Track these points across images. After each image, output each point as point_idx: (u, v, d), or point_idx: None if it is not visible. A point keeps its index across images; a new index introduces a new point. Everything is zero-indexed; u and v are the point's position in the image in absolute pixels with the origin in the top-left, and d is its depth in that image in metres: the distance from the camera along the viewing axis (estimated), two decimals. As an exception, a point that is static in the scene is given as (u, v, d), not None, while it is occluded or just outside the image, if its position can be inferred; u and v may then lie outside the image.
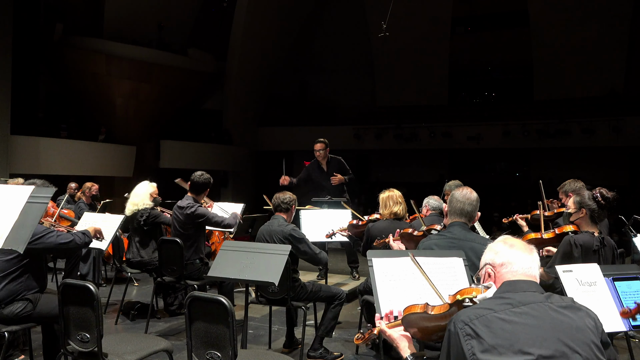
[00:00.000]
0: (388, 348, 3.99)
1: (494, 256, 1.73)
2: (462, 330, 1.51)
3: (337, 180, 6.18)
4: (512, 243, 1.73)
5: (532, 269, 1.67)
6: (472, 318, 1.51)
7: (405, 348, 1.85)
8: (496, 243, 1.77)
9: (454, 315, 1.60)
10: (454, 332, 1.53)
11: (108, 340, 2.73)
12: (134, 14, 14.03)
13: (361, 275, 6.08)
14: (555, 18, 15.78)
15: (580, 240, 3.05)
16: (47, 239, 3.02)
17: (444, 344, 1.58)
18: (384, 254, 2.48)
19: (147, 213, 4.80)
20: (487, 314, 1.51)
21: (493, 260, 1.72)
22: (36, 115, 13.08)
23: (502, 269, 1.69)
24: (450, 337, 1.54)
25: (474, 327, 1.49)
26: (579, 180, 4.22)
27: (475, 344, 1.47)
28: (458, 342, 1.50)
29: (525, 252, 1.70)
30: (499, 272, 1.69)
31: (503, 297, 1.57)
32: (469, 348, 1.48)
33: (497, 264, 1.71)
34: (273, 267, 3.18)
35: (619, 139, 14.28)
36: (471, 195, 2.82)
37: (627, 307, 2.38)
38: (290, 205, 3.93)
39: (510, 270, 1.67)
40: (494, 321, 1.49)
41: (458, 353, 1.51)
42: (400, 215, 4.13)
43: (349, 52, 18.40)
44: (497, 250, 1.73)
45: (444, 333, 1.66)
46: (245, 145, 17.25)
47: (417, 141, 16.37)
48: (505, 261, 1.69)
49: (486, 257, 1.76)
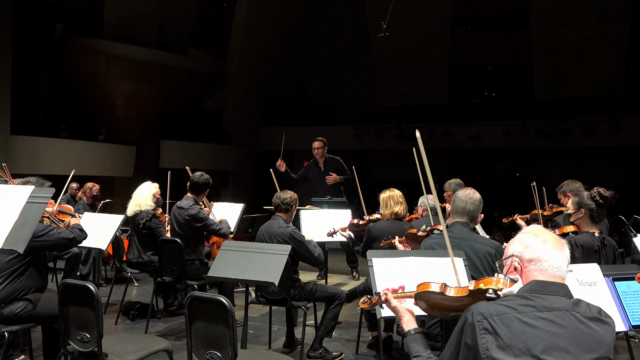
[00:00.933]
0: (388, 348, 4.00)
1: (523, 250, 1.64)
2: (479, 323, 1.48)
3: (332, 180, 6.20)
4: (544, 238, 1.63)
5: (562, 268, 1.60)
6: (492, 314, 1.48)
7: (409, 322, 1.84)
8: (527, 235, 1.67)
9: (472, 304, 1.56)
10: (470, 323, 1.50)
11: (108, 340, 2.73)
12: (134, 14, 14.03)
13: (361, 275, 6.08)
14: (555, 18, 15.78)
15: (580, 241, 3.05)
16: (50, 236, 3.04)
17: (456, 331, 1.55)
18: (384, 254, 2.48)
19: (148, 218, 4.76)
20: (509, 312, 1.48)
21: (522, 254, 1.64)
22: (36, 115, 13.09)
23: (531, 265, 1.61)
24: (465, 326, 1.52)
25: (492, 322, 1.47)
26: (577, 180, 4.23)
27: (490, 339, 1.45)
28: (473, 333, 1.48)
29: (557, 249, 1.62)
30: (526, 267, 1.62)
31: (528, 297, 1.52)
32: (483, 342, 1.46)
33: (525, 258, 1.63)
34: (273, 267, 3.18)
35: (619, 139, 14.29)
36: (474, 196, 2.83)
37: None
38: (290, 205, 3.91)
39: (539, 268, 1.59)
40: (515, 322, 1.46)
41: (470, 344, 1.49)
42: (401, 215, 4.13)
43: (349, 52, 18.41)
44: (527, 244, 1.64)
45: (454, 314, 1.65)
46: (245, 145, 17.25)
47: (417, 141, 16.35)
48: (535, 257, 1.61)
49: (514, 248, 1.67)
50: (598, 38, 15.46)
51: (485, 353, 1.45)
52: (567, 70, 16.05)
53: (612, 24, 15.27)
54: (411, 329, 1.81)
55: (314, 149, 6.33)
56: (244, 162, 17.28)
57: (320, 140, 6.34)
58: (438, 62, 17.75)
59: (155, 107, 14.51)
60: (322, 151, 6.33)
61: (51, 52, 13.21)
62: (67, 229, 3.29)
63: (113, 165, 13.56)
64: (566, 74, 16.05)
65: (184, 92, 15.15)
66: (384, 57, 17.91)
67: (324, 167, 6.36)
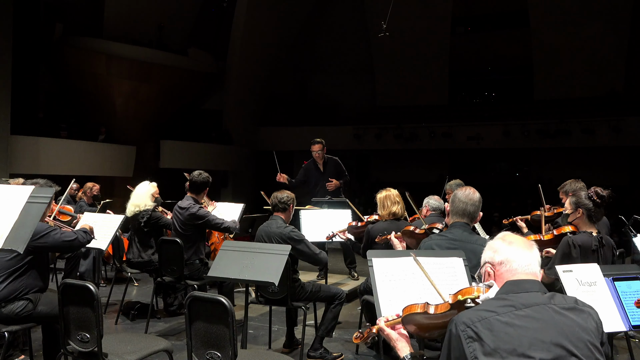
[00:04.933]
0: (388, 348, 3.99)
1: (492, 254, 1.69)
2: (464, 332, 1.49)
3: (332, 186, 6.23)
4: (510, 240, 1.70)
5: (532, 265, 1.64)
6: (474, 320, 1.50)
7: (403, 348, 1.84)
8: (495, 241, 1.73)
9: (455, 316, 1.58)
10: (455, 334, 1.51)
11: (108, 340, 2.73)
12: (134, 14, 14.03)
13: (360, 275, 6.09)
14: (555, 18, 15.78)
15: (578, 241, 3.06)
16: (52, 236, 3.04)
17: (445, 345, 1.57)
18: (384, 254, 2.48)
19: (148, 215, 4.78)
20: (490, 316, 1.49)
21: (492, 259, 1.69)
22: (36, 115, 13.08)
23: (502, 267, 1.65)
24: (452, 339, 1.53)
25: (476, 329, 1.48)
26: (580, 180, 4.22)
27: (477, 346, 1.46)
28: (460, 344, 1.49)
29: (525, 248, 1.67)
30: (498, 270, 1.67)
31: (505, 298, 1.55)
32: (470, 351, 1.47)
33: (496, 262, 1.67)
34: (273, 267, 3.18)
35: (619, 139, 14.29)
36: (474, 196, 2.82)
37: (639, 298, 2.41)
38: (288, 204, 3.91)
39: (509, 268, 1.64)
40: (497, 324, 1.48)
41: (459, 355, 1.50)
42: (399, 214, 4.11)
43: (349, 52, 18.41)
44: (495, 248, 1.70)
45: (443, 331, 1.65)
46: (245, 145, 17.25)
47: (417, 141, 16.37)
48: (504, 259, 1.65)
49: (485, 256, 1.73)
50: (598, 38, 15.45)
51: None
52: (567, 70, 16.04)
53: (612, 24, 15.26)
54: (405, 354, 1.83)
55: (314, 152, 6.32)
56: (244, 162, 17.28)
57: (319, 143, 6.33)
58: (438, 62, 17.75)
59: (155, 107, 14.51)
60: (322, 153, 6.33)
61: (51, 52, 13.21)
62: (72, 231, 3.28)
63: (113, 165, 13.56)
64: (566, 74, 16.05)
65: (184, 92, 15.15)
66: (384, 57, 17.90)
67: (323, 168, 6.36)
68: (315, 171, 6.39)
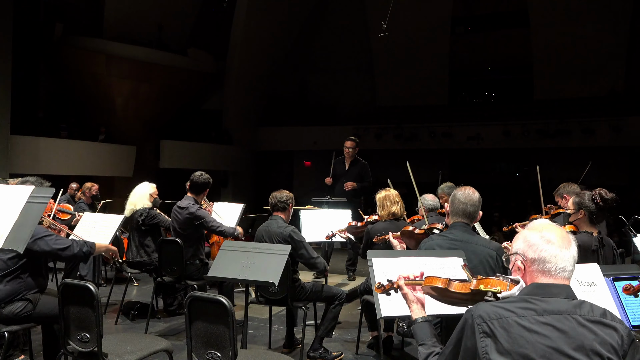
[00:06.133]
0: (388, 348, 4.00)
1: (526, 248, 1.58)
2: (479, 326, 1.47)
3: (349, 186, 6.27)
4: (549, 237, 1.56)
5: (567, 268, 1.54)
6: (491, 317, 1.47)
7: (417, 310, 1.86)
8: (532, 233, 1.60)
9: (472, 305, 1.57)
10: (470, 325, 1.50)
11: (108, 340, 2.73)
12: (134, 14, 14.02)
13: (360, 276, 6.09)
14: (555, 18, 15.77)
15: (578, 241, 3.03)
16: (45, 240, 3.00)
17: (458, 329, 1.56)
18: (384, 254, 2.48)
19: (145, 213, 4.81)
20: (509, 316, 1.46)
21: (525, 253, 1.58)
22: (36, 115, 13.08)
23: (534, 266, 1.56)
24: (465, 327, 1.52)
25: (492, 326, 1.46)
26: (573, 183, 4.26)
27: (490, 343, 1.45)
28: (472, 335, 1.48)
29: (562, 248, 1.55)
30: (529, 268, 1.57)
31: (529, 301, 1.50)
32: (482, 346, 1.46)
33: (528, 258, 1.57)
34: (273, 267, 3.18)
35: (619, 139, 14.28)
36: (474, 196, 2.82)
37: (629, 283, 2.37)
38: (287, 204, 3.91)
39: (542, 269, 1.55)
40: (514, 326, 1.45)
41: (470, 346, 1.49)
42: (398, 214, 4.12)
43: (349, 52, 18.39)
44: (531, 243, 1.58)
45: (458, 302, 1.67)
46: (245, 145, 17.24)
47: (417, 141, 16.35)
48: (538, 258, 1.55)
49: (518, 246, 1.62)
50: (598, 38, 15.44)
51: (485, 357, 1.45)
52: (567, 70, 16.03)
53: (612, 24, 15.25)
54: (419, 317, 1.84)
55: (346, 148, 6.40)
56: (244, 162, 17.27)
57: (352, 140, 6.44)
58: (438, 62, 17.73)
59: (155, 107, 14.50)
60: (353, 151, 6.42)
61: (51, 52, 13.20)
62: (71, 239, 3.26)
63: (113, 165, 13.55)
64: (566, 74, 16.03)
65: (184, 92, 15.15)
66: (384, 57, 17.89)
67: (348, 167, 6.42)
68: (341, 167, 6.45)
